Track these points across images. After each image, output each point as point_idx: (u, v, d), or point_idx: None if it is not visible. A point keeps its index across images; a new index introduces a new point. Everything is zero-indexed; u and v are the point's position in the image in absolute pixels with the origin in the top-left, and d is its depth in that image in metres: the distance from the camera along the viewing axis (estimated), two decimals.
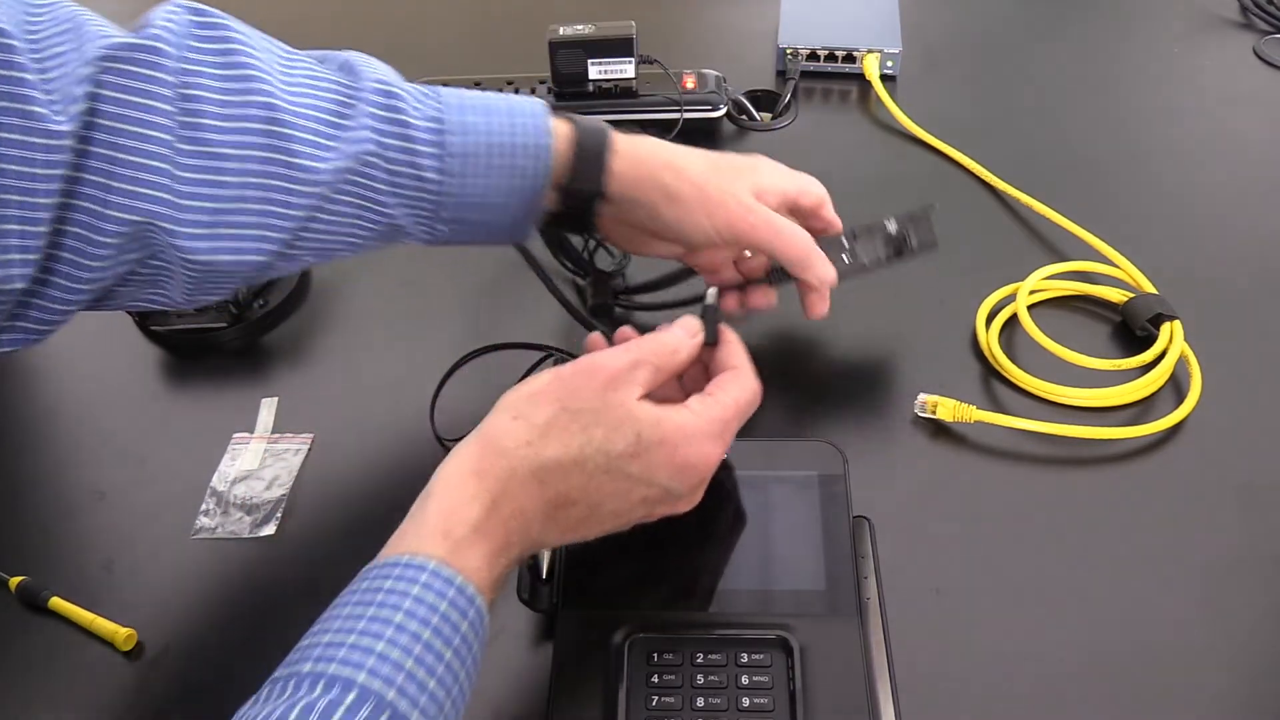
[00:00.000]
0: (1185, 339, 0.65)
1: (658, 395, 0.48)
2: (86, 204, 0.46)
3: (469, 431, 0.62)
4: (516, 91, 0.84)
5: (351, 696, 0.37)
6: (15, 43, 0.43)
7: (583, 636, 0.50)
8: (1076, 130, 0.86)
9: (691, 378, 0.53)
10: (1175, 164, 0.82)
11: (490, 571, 0.43)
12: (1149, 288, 0.69)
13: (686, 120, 0.83)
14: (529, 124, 0.55)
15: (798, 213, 0.60)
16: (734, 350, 0.52)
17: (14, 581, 0.56)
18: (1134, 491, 0.59)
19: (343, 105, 0.52)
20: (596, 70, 0.83)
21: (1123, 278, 0.71)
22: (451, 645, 0.40)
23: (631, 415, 0.46)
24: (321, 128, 0.51)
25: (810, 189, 0.60)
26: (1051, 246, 0.74)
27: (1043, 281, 0.70)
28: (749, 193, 0.57)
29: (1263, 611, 0.53)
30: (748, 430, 0.62)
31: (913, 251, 0.62)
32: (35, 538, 0.60)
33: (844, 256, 0.61)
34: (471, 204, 0.55)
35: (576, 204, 0.57)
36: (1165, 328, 0.65)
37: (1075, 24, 0.99)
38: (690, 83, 0.85)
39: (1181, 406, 0.62)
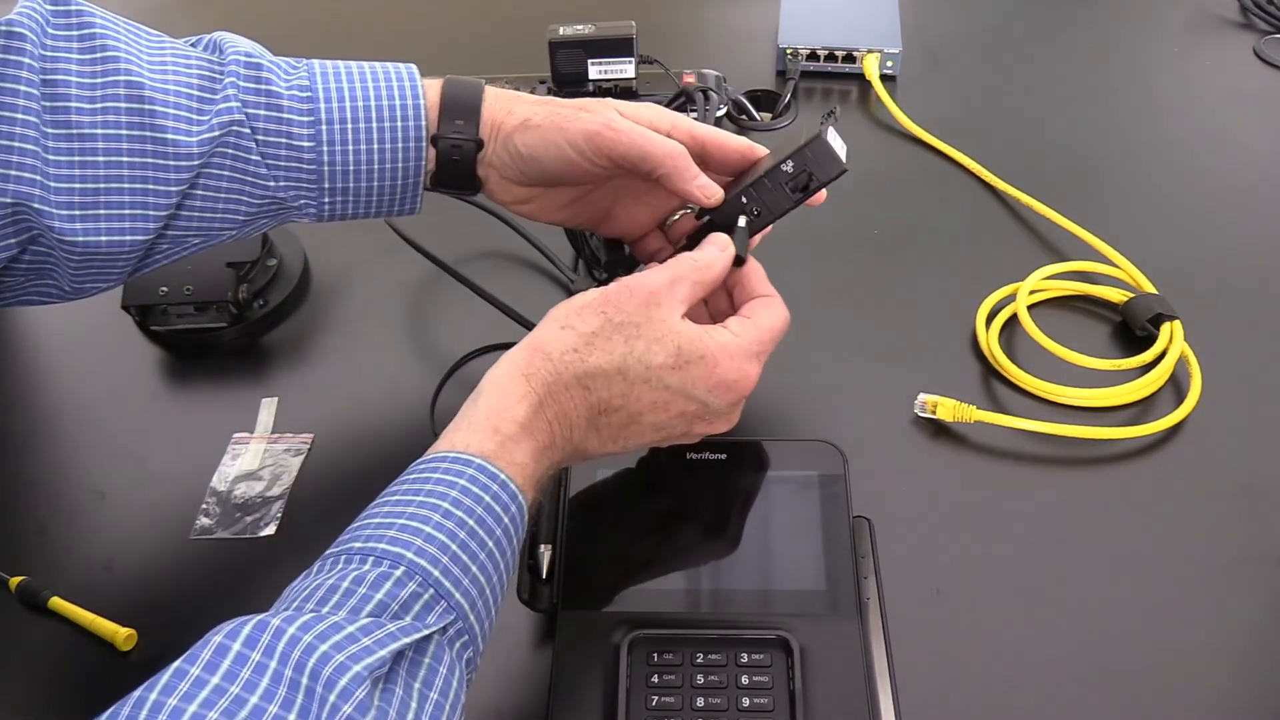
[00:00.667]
0: (1185, 339, 0.65)
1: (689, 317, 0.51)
2: None
3: None
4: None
5: (400, 571, 0.40)
6: None
7: (583, 636, 0.50)
8: (1076, 130, 0.86)
9: (715, 305, 0.55)
10: (1175, 164, 0.82)
11: (535, 468, 0.46)
12: (1149, 288, 0.69)
13: None
14: (400, 86, 0.55)
15: (707, 162, 0.56)
16: (761, 277, 0.54)
17: (14, 581, 0.56)
18: (1134, 491, 0.59)
19: (209, 80, 0.53)
20: (596, 70, 0.83)
21: (1123, 278, 0.71)
22: (493, 536, 0.43)
23: (673, 330, 0.49)
24: (188, 103, 0.51)
25: (683, 122, 0.56)
26: (1052, 246, 0.74)
27: (1043, 281, 0.70)
28: (609, 109, 0.55)
29: (1263, 612, 0.53)
30: (748, 430, 0.62)
31: (820, 183, 0.53)
32: (35, 538, 0.60)
33: (752, 209, 0.54)
34: (352, 171, 0.55)
35: (456, 159, 0.56)
36: (1165, 328, 0.65)
37: (1075, 24, 0.99)
38: (690, 82, 0.85)
39: (1181, 406, 0.62)
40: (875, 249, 0.75)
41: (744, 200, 0.54)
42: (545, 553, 0.53)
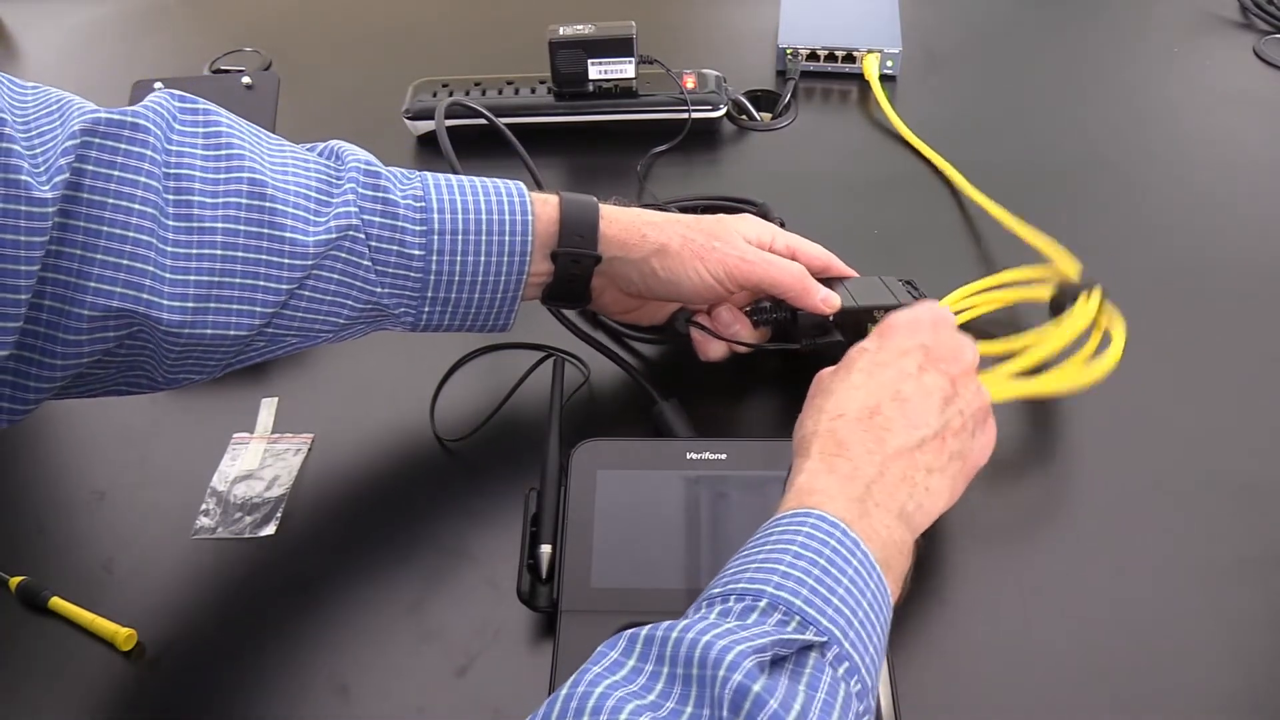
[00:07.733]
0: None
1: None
2: (66, 276, 0.46)
3: (469, 432, 0.63)
4: (516, 92, 0.85)
5: (763, 603, 0.40)
6: (4, 115, 0.44)
7: (583, 636, 0.50)
8: (1074, 129, 0.86)
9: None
10: (1173, 164, 0.82)
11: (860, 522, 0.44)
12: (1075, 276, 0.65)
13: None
14: (510, 202, 0.57)
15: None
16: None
17: (14, 581, 0.56)
18: (1134, 491, 0.59)
19: (327, 183, 0.54)
20: (596, 70, 0.83)
21: (1051, 274, 0.67)
22: (845, 575, 0.41)
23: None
24: (307, 204, 0.53)
25: (781, 237, 0.62)
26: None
27: (968, 299, 0.67)
28: (737, 237, 0.60)
29: (1262, 611, 0.53)
30: (748, 430, 0.62)
31: None
32: (35, 538, 0.60)
33: (834, 331, 0.62)
34: (457, 281, 0.56)
35: (575, 273, 0.58)
36: (1083, 296, 0.62)
37: (1075, 24, 0.99)
38: (690, 83, 0.85)
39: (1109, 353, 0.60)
40: (875, 248, 0.75)
41: (830, 318, 0.61)
42: (545, 553, 0.53)
